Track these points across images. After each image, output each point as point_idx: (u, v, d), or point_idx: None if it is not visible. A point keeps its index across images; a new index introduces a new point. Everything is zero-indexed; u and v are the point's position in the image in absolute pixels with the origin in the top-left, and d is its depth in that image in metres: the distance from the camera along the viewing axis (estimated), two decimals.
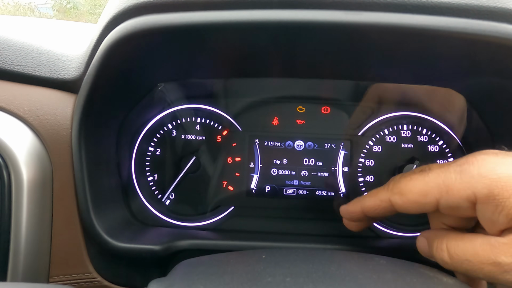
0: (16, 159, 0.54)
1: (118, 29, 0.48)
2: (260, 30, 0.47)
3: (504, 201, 0.38)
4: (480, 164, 0.40)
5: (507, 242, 0.39)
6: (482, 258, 0.39)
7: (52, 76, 0.59)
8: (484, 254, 0.39)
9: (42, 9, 3.95)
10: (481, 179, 0.39)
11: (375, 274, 0.38)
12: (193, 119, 0.77)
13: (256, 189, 0.76)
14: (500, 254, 0.38)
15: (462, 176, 0.41)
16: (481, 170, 0.40)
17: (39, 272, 0.57)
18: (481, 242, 0.40)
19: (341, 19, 0.44)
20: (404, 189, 0.46)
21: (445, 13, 0.44)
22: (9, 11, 3.38)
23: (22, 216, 0.54)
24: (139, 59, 0.56)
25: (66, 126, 0.58)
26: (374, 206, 0.51)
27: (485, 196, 0.39)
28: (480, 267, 0.40)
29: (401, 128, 0.76)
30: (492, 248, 0.39)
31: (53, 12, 4.05)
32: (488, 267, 0.39)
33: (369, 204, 0.51)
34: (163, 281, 0.39)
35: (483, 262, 0.39)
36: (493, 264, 0.39)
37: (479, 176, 0.40)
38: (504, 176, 0.38)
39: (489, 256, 0.39)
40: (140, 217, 0.74)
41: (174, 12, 0.46)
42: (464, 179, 0.41)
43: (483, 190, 0.39)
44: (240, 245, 0.62)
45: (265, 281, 0.36)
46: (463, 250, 0.42)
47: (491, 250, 0.39)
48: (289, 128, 0.77)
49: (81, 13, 4.19)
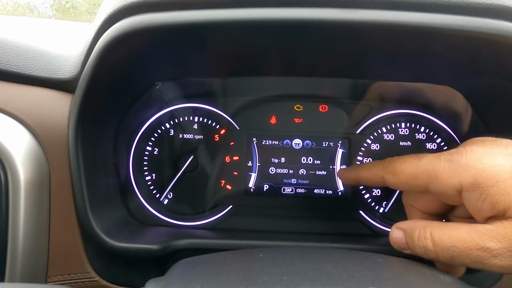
0: (13, 159, 0.54)
1: (114, 28, 0.48)
2: (255, 28, 0.46)
3: (487, 190, 0.40)
4: (468, 155, 0.43)
5: (494, 229, 0.40)
6: (470, 244, 0.41)
7: (49, 76, 0.59)
8: (471, 240, 0.41)
9: (41, 8, 3.94)
10: (468, 169, 0.42)
11: (372, 272, 0.38)
12: (191, 118, 0.77)
13: (254, 188, 0.76)
14: (489, 240, 0.40)
15: (451, 165, 0.43)
16: (468, 160, 0.42)
17: (37, 272, 0.57)
18: (467, 229, 0.42)
19: (337, 17, 0.44)
20: (397, 170, 0.49)
21: (442, 11, 0.44)
22: (8, 11, 3.37)
23: (19, 216, 0.54)
24: (136, 58, 0.56)
25: (63, 126, 0.58)
26: (368, 179, 0.55)
27: (470, 185, 0.41)
28: (467, 253, 0.41)
29: (399, 126, 0.76)
30: (479, 234, 0.41)
31: (52, 12, 4.04)
32: (475, 252, 0.41)
33: (363, 176, 0.55)
34: (160, 280, 0.39)
35: (470, 248, 0.41)
36: (481, 250, 0.40)
37: (466, 166, 0.42)
38: (489, 166, 0.41)
39: (476, 242, 0.41)
40: (138, 216, 0.74)
41: (170, 11, 0.46)
42: (452, 167, 0.43)
43: (469, 179, 0.41)
44: (238, 244, 0.62)
45: (262, 280, 0.36)
46: (449, 236, 0.43)
47: (479, 236, 0.41)
48: (287, 126, 0.77)
49: (79, 12, 4.19)
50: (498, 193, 0.40)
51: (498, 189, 0.40)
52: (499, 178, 0.40)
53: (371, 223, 0.75)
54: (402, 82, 0.69)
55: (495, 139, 0.45)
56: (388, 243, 0.68)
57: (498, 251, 0.39)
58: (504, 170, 0.40)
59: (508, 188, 0.39)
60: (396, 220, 0.74)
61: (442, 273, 0.42)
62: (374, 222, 0.75)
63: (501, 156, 0.41)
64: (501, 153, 0.42)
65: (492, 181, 0.40)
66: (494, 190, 0.40)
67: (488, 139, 0.45)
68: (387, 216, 0.75)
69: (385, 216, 0.75)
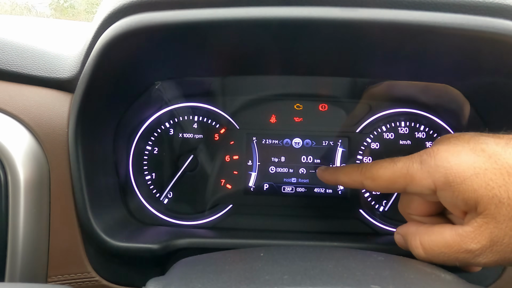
0: (13, 159, 0.54)
1: (113, 27, 0.47)
2: (255, 27, 0.46)
3: (458, 187, 0.42)
4: (436, 155, 0.44)
5: (472, 230, 0.42)
6: (455, 248, 0.43)
7: (48, 76, 0.59)
8: (456, 244, 0.43)
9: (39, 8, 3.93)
10: (437, 169, 0.43)
11: (373, 271, 0.38)
12: (191, 117, 0.77)
13: (254, 187, 0.76)
14: (470, 242, 0.42)
15: (423, 167, 0.45)
16: (436, 161, 0.44)
17: (37, 272, 0.57)
18: (449, 234, 0.44)
19: (338, 16, 0.44)
20: (375, 175, 0.50)
21: (442, 9, 0.44)
22: (6, 11, 3.36)
23: (19, 216, 0.54)
24: (135, 57, 0.55)
25: (62, 125, 0.57)
26: (347, 183, 0.57)
27: (442, 184, 0.43)
28: (455, 256, 0.43)
29: (398, 125, 0.76)
30: (461, 238, 0.42)
31: (50, 11, 4.03)
32: (462, 255, 0.43)
33: (343, 181, 0.57)
34: (161, 280, 0.39)
35: (456, 252, 0.43)
36: (465, 252, 0.42)
37: (435, 166, 0.44)
38: (455, 164, 0.42)
39: (460, 245, 0.42)
40: (138, 216, 0.73)
41: (170, 9, 0.46)
42: (424, 169, 0.45)
43: (441, 178, 0.43)
44: (238, 243, 0.62)
45: (263, 279, 0.36)
46: (436, 243, 0.45)
47: (461, 240, 0.42)
48: (287, 125, 0.77)
49: (78, 12, 4.18)
50: (467, 190, 0.41)
51: (466, 186, 0.41)
52: (465, 175, 0.41)
53: (371, 222, 0.75)
54: (402, 81, 0.69)
55: (459, 135, 0.46)
56: (388, 241, 0.68)
57: (479, 250, 0.41)
58: (468, 167, 0.41)
59: (474, 185, 0.41)
60: (396, 218, 0.75)
61: (443, 271, 0.42)
62: (374, 221, 0.75)
63: (464, 152, 0.43)
64: (464, 149, 0.43)
65: (460, 179, 0.41)
66: (463, 187, 0.41)
67: (452, 136, 0.47)
68: (387, 215, 0.75)
69: (385, 215, 0.75)
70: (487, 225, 0.41)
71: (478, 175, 0.41)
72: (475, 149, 0.43)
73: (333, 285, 0.34)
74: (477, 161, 0.41)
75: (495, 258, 0.42)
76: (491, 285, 0.63)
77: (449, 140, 0.46)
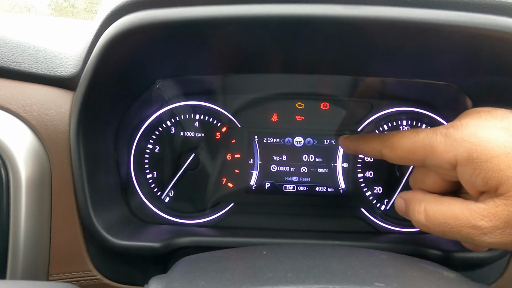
0: (14, 157, 0.54)
1: (115, 25, 0.47)
2: (257, 25, 0.46)
3: (481, 165, 0.40)
4: (463, 128, 0.42)
5: (486, 208, 0.40)
6: (461, 221, 0.41)
7: (50, 74, 0.59)
8: (464, 217, 0.41)
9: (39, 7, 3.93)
10: (463, 143, 0.41)
11: (376, 269, 0.38)
12: (192, 116, 0.77)
13: (255, 186, 0.76)
14: (480, 219, 0.40)
15: (446, 139, 0.43)
16: (463, 134, 0.42)
17: (38, 270, 0.56)
18: (460, 207, 0.42)
19: (340, 14, 0.44)
20: (395, 144, 0.49)
21: (445, 7, 0.44)
22: (5, 10, 3.35)
23: (20, 214, 0.54)
24: (137, 55, 0.55)
25: (64, 123, 0.57)
26: (366, 152, 0.56)
27: (464, 159, 0.41)
28: (458, 229, 0.42)
29: (400, 124, 0.76)
30: (471, 212, 0.41)
31: (49, 11, 4.03)
32: (466, 230, 0.41)
33: (362, 148, 0.57)
34: (164, 277, 0.39)
35: (461, 225, 0.41)
36: (472, 227, 0.41)
37: (461, 140, 0.42)
38: (484, 140, 0.40)
39: (468, 220, 0.41)
40: (139, 214, 0.73)
41: (172, 7, 0.46)
42: (448, 142, 0.43)
43: (463, 154, 0.41)
44: (240, 241, 0.62)
45: (266, 276, 0.35)
46: (442, 212, 0.43)
47: (471, 214, 0.41)
48: (288, 124, 0.77)
49: (77, 11, 4.17)
50: (491, 169, 0.39)
51: (491, 165, 0.39)
52: (493, 153, 0.39)
53: (372, 220, 0.75)
54: (404, 79, 0.69)
55: (491, 110, 0.44)
56: (390, 240, 0.68)
57: (489, 229, 0.40)
58: (498, 145, 0.39)
59: (501, 165, 0.39)
60: (398, 217, 0.75)
61: (446, 270, 0.42)
62: (375, 220, 0.75)
63: (496, 129, 0.41)
64: (496, 126, 0.41)
65: (486, 156, 0.39)
66: (488, 166, 0.39)
67: (483, 110, 0.45)
68: (389, 213, 0.75)
69: (387, 214, 0.75)
70: (505, 207, 0.39)
71: (508, 154, 0.38)
72: (508, 128, 0.40)
73: (336, 283, 0.34)
74: (509, 141, 0.39)
75: (503, 240, 0.40)
76: (493, 283, 0.63)
77: (480, 114, 0.44)
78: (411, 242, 0.64)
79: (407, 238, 0.71)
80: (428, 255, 0.60)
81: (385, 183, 0.75)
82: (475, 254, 0.59)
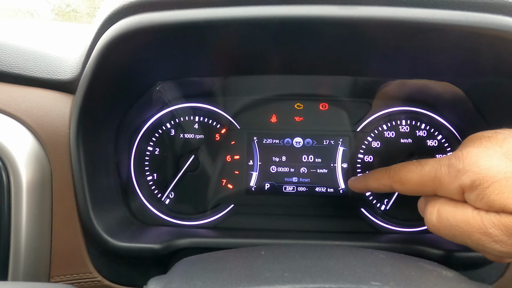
0: (15, 160, 0.55)
1: (113, 28, 0.48)
2: (255, 26, 0.47)
3: (484, 190, 0.42)
4: (465, 158, 0.44)
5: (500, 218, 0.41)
6: (474, 226, 0.43)
7: (50, 77, 0.60)
8: (476, 223, 0.43)
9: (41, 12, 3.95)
10: (465, 173, 0.43)
11: (374, 268, 0.38)
12: (192, 117, 0.77)
13: (255, 187, 0.76)
14: (491, 226, 0.42)
15: (450, 170, 0.46)
16: (465, 164, 0.44)
17: (39, 272, 0.57)
18: (472, 214, 0.44)
19: (336, 14, 0.44)
20: (403, 179, 0.51)
21: (441, 6, 0.44)
22: (8, 15, 3.38)
23: (22, 217, 0.54)
24: (136, 58, 0.56)
25: (64, 126, 0.58)
26: (377, 189, 0.58)
27: (468, 187, 0.43)
28: (469, 234, 0.43)
29: (399, 123, 0.76)
30: (484, 220, 0.42)
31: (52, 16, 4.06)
32: (477, 235, 0.43)
33: (372, 186, 0.59)
34: (163, 278, 0.39)
35: (473, 230, 0.43)
36: (484, 234, 0.42)
37: (463, 170, 0.44)
38: (485, 168, 0.42)
39: (480, 226, 0.42)
40: (140, 216, 0.74)
41: (170, 10, 0.46)
42: (452, 173, 0.45)
43: (467, 182, 0.43)
44: (240, 242, 0.62)
45: (263, 276, 0.36)
46: (455, 216, 0.45)
47: (483, 221, 0.42)
48: (287, 125, 0.77)
49: (80, 15, 4.21)
50: (493, 193, 0.41)
51: (493, 189, 0.41)
52: (494, 179, 0.41)
53: (372, 220, 0.75)
54: (403, 79, 0.69)
55: (491, 136, 0.46)
56: (390, 240, 0.68)
57: (500, 237, 0.41)
58: (498, 171, 0.41)
59: (502, 188, 0.41)
60: (398, 217, 0.75)
61: (444, 269, 0.42)
62: (375, 220, 0.75)
63: (496, 156, 0.43)
64: (496, 153, 0.43)
65: (488, 182, 0.41)
66: (490, 191, 0.41)
67: (484, 136, 0.46)
68: (389, 213, 0.75)
69: (387, 214, 0.75)
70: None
71: (509, 179, 0.41)
72: (508, 154, 0.43)
73: (333, 282, 0.34)
74: (509, 166, 0.41)
75: None
76: (494, 282, 0.62)
77: (481, 141, 0.46)
78: (412, 241, 0.64)
79: (408, 238, 0.71)
80: (429, 254, 0.60)
81: None
82: (476, 254, 0.59)
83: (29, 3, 2.28)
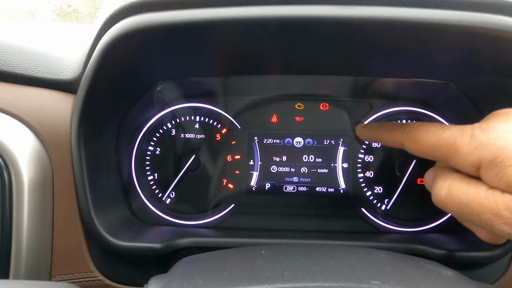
0: (16, 160, 0.55)
1: (114, 28, 0.48)
2: (255, 26, 0.47)
3: (505, 169, 0.39)
4: (491, 131, 0.41)
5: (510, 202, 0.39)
6: (485, 206, 0.40)
7: (51, 77, 0.60)
8: (488, 203, 0.40)
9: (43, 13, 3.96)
10: (488, 146, 0.40)
11: (374, 267, 0.38)
12: (192, 117, 0.77)
13: (256, 187, 0.76)
14: (504, 208, 0.39)
15: (472, 141, 0.42)
16: (489, 138, 0.41)
17: (41, 271, 0.57)
18: (485, 193, 0.41)
19: (336, 14, 0.44)
20: (418, 138, 0.48)
21: (441, 6, 0.44)
22: (10, 16, 3.39)
23: (23, 216, 0.55)
24: (137, 58, 0.56)
25: (65, 126, 0.58)
26: (387, 141, 0.55)
27: (488, 162, 0.40)
28: (479, 213, 0.41)
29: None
30: (496, 200, 0.40)
31: (54, 16, 4.07)
32: (487, 216, 0.40)
33: (382, 138, 0.56)
34: (163, 277, 0.40)
35: (483, 210, 0.40)
36: (494, 215, 0.40)
37: (486, 143, 0.41)
38: (511, 144, 0.39)
39: (491, 206, 0.40)
40: (140, 216, 0.74)
41: (171, 10, 0.46)
42: (473, 144, 0.42)
43: (488, 157, 0.40)
44: (240, 242, 0.63)
45: (264, 275, 0.36)
46: (466, 194, 0.42)
47: (495, 202, 0.40)
48: (288, 125, 0.77)
49: (81, 16, 4.22)
50: None
51: None
52: None
53: (373, 220, 0.75)
54: (403, 78, 0.69)
55: None
56: (391, 240, 0.68)
57: (511, 220, 0.39)
58: None
59: None
60: (398, 217, 0.75)
61: (445, 268, 0.42)
62: (376, 220, 0.75)
63: None
64: None
65: (511, 161, 0.39)
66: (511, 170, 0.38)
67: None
68: (389, 213, 0.75)
69: (387, 213, 0.75)
70: None
71: None
72: None
73: (333, 281, 0.34)
74: None
75: None
76: (494, 282, 0.62)
77: (509, 117, 0.43)
78: (412, 241, 0.64)
79: (408, 238, 0.71)
80: (429, 254, 0.60)
81: (385, 183, 0.75)
82: (476, 254, 0.59)
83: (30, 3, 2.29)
